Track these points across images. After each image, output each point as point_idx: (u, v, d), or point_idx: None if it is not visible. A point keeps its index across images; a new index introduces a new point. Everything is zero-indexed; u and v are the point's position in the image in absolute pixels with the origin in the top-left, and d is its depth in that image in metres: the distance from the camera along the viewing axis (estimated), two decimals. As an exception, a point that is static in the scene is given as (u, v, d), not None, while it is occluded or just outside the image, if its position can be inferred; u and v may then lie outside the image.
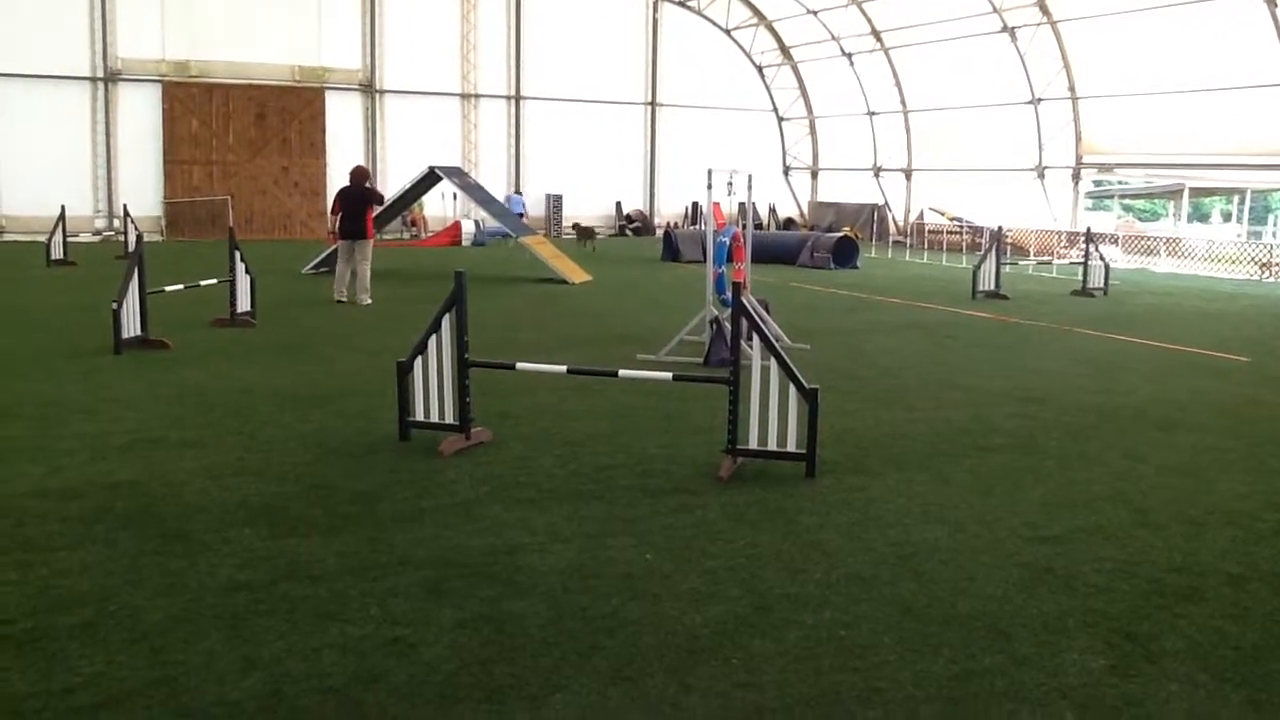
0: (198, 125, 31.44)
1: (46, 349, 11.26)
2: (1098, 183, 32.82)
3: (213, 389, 9.26)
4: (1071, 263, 24.20)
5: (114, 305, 10.93)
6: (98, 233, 29.93)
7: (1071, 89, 28.27)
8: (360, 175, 16.30)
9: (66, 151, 29.90)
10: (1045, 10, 27.60)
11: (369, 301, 15.75)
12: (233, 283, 13.12)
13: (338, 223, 15.98)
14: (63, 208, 23.28)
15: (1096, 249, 19.76)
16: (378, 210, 16.90)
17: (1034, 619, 4.55)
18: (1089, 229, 21.10)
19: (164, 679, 3.87)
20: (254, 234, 30.32)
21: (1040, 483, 6.69)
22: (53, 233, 22.39)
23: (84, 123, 30.25)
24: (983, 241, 26.33)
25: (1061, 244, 27.71)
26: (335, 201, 16.24)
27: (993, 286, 18.12)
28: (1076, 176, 29.04)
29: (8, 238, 29.09)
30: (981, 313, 16.05)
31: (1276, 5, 22.19)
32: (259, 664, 4.00)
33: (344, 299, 15.82)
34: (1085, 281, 19.30)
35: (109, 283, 14.04)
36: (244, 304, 13.28)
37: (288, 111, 32.27)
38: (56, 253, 21.99)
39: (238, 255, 13.15)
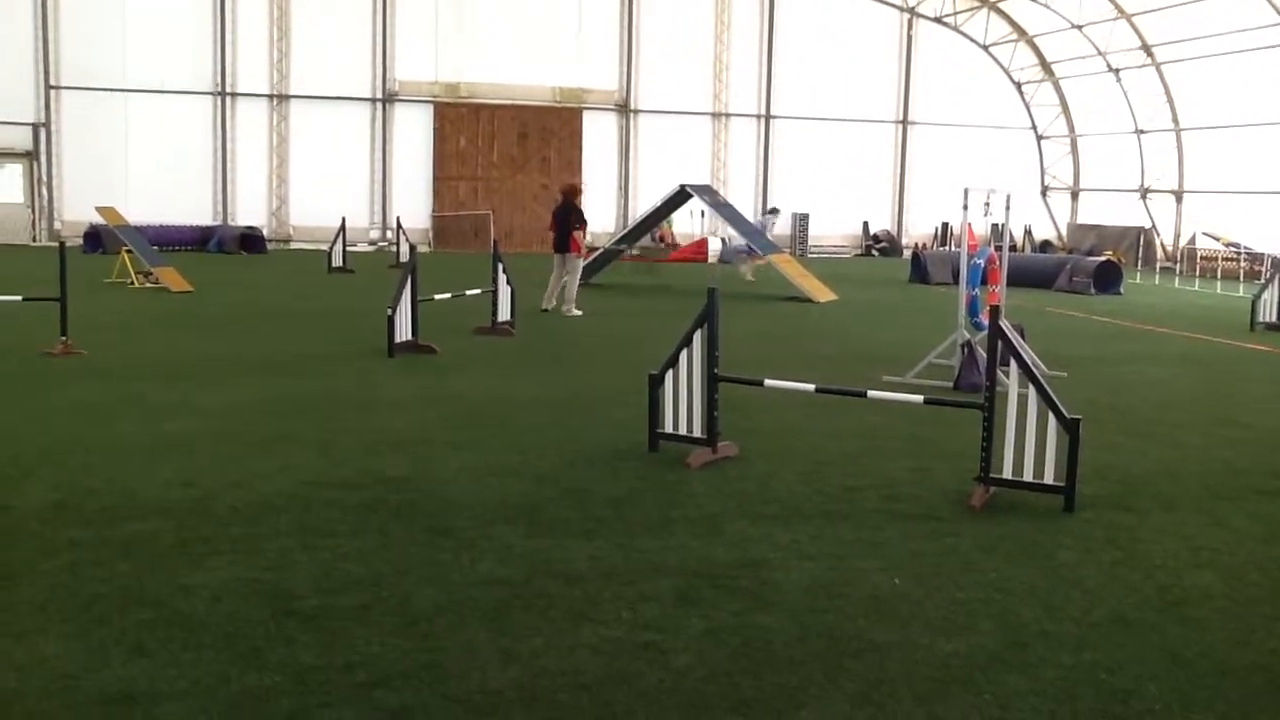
0: (465, 143, 33.27)
1: (328, 350, 12.18)
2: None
3: (475, 393, 9.78)
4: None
5: (389, 311, 11.72)
6: (372, 243, 32.08)
7: (1374, 105, 25.87)
8: (569, 192, 17.05)
9: (347, 167, 32.36)
10: (1346, 19, 25.41)
11: (576, 313, 16.25)
12: (495, 293, 13.79)
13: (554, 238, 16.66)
14: (343, 219, 25.14)
15: (1400, 280, 17.96)
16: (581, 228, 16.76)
17: (1322, 679, 4.20)
18: (1391, 258, 19.23)
19: (431, 664, 4.12)
20: (513, 247, 31.62)
21: (1330, 532, 6.16)
22: (333, 242, 24.21)
23: (364, 140, 32.62)
24: (1263, 269, 24.40)
25: (1357, 274, 25.29)
26: (552, 217, 16.98)
27: (1275, 318, 16.80)
28: (1377, 200, 26.51)
29: (294, 245, 31.67)
30: (1262, 346, 14.89)
31: None
32: (517, 657, 4.19)
33: (548, 308, 16.38)
34: (1386, 316, 17.57)
35: (382, 289, 15.05)
36: (504, 313, 13.94)
37: (548, 130, 33.68)
38: (336, 261, 23.78)
39: (500, 267, 13.82)
